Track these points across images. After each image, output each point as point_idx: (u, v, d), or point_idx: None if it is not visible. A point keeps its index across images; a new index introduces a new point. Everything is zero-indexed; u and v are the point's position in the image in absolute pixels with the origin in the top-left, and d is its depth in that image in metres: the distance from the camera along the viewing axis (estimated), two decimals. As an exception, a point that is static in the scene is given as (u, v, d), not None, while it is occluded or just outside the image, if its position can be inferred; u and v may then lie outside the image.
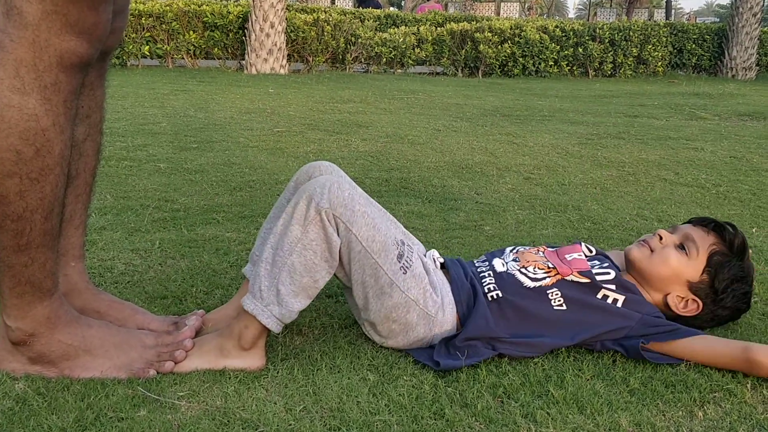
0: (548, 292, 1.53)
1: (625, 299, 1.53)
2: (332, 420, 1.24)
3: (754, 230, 2.55)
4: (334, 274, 1.47)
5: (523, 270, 1.58)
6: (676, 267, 1.59)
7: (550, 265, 1.58)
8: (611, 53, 11.11)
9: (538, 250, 1.66)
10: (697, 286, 1.59)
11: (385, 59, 10.29)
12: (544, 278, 1.55)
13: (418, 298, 1.47)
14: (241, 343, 1.40)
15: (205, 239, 2.21)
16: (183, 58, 9.55)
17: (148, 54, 9.23)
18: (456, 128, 4.83)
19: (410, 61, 10.45)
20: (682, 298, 1.60)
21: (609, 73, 11.17)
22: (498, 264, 1.62)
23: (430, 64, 10.84)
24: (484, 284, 1.56)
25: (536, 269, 1.58)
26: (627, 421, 1.27)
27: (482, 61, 10.52)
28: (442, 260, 1.64)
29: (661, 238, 1.62)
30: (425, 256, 1.64)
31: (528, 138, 4.50)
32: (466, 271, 1.61)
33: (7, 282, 1.28)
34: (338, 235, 1.39)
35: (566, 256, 1.62)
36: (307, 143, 4.00)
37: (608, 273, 1.57)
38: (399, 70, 10.51)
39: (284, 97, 6.27)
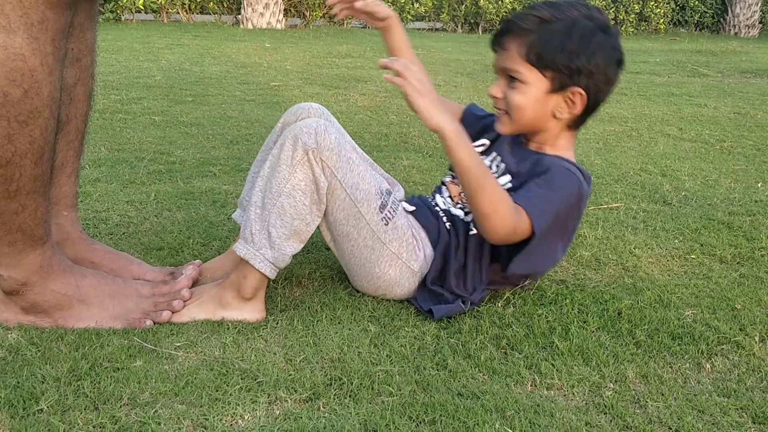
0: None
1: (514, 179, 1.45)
2: (333, 370, 1.22)
3: (759, 185, 2.51)
4: (320, 231, 1.44)
5: (457, 206, 1.53)
6: (527, 99, 1.41)
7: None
8: (613, 9, 10.93)
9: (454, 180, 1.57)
10: (554, 86, 1.40)
11: (383, 15, 10.11)
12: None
13: (401, 252, 1.44)
14: (241, 293, 1.37)
15: (201, 192, 2.17)
16: (178, 13, 9.38)
17: (142, 8, 9.06)
18: (456, 83, 4.75)
19: (409, 17, 10.28)
20: (562, 104, 1.41)
21: (610, 30, 11.01)
22: (440, 201, 1.56)
23: (430, 20, 10.67)
24: (442, 221, 1.51)
25: (464, 201, 1.52)
26: (633, 373, 1.25)
27: (483, 16, 10.35)
28: (412, 208, 1.54)
29: (497, 98, 1.47)
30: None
31: (529, 93, 4.43)
32: (432, 211, 1.54)
33: None
34: (325, 177, 1.36)
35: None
36: (305, 97, 3.93)
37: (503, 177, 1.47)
38: (397, 26, 10.35)
39: (281, 51, 6.16)
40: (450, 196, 1.56)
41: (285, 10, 9.29)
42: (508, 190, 1.40)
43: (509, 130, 1.48)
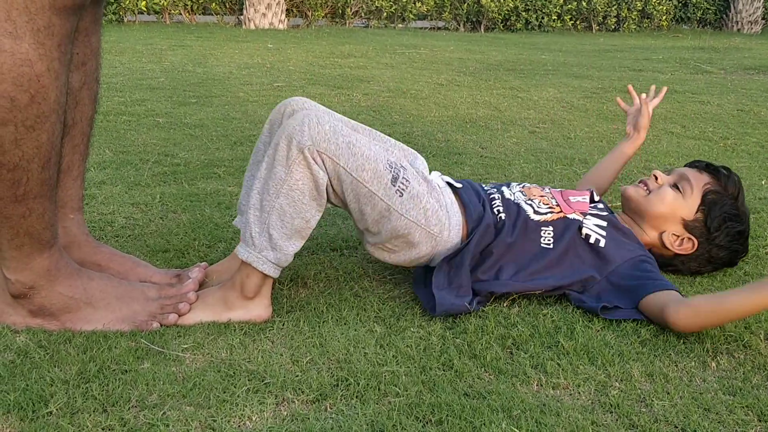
0: (542, 228, 1.52)
1: (607, 238, 1.52)
2: (339, 371, 1.22)
3: (763, 182, 2.51)
4: (333, 204, 1.44)
5: (528, 202, 1.56)
6: (671, 204, 1.62)
7: (554, 203, 1.57)
8: (615, 7, 10.93)
9: (544, 188, 1.64)
10: (691, 224, 1.62)
11: (385, 13, 10.12)
12: (547, 213, 1.54)
13: (419, 219, 1.43)
14: (245, 293, 1.38)
15: (206, 193, 2.18)
16: (180, 14, 9.40)
17: (144, 9, 9.07)
18: (459, 82, 4.75)
19: (411, 16, 10.28)
20: (678, 236, 1.63)
21: (613, 27, 11.01)
22: (506, 191, 1.60)
23: (432, 19, 10.67)
24: (493, 206, 1.55)
25: (541, 204, 1.56)
26: (639, 372, 1.25)
27: (484, 15, 10.35)
28: (459, 185, 1.57)
29: (656, 178, 1.65)
30: (429, 174, 1.58)
31: (532, 92, 4.43)
32: (479, 193, 1.58)
33: (5, 234, 1.25)
34: (325, 170, 1.35)
35: (570, 197, 1.60)
36: (308, 98, 3.93)
37: (603, 212, 1.57)
38: (400, 25, 10.36)
39: (283, 52, 6.17)
40: (521, 192, 1.60)
41: (287, 10, 9.30)
42: (602, 216, 1.57)
43: (636, 203, 1.67)
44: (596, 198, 1.64)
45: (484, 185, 1.64)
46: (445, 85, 4.63)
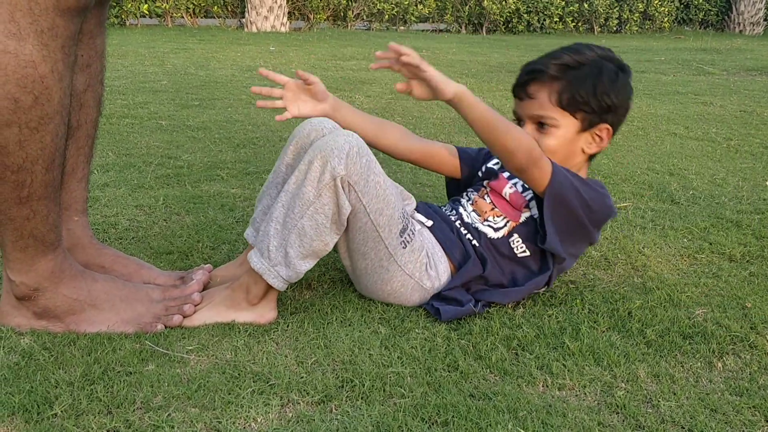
0: (510, 240, 1.51)
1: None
2: (345, 372, 1.22)
3: (767, 183, 2.51)
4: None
5: (485, 223, 1.53)
6: (559, 142, 1.48)
7: (499, 212, 1.53)
8: (617, 9, 10.93)
9: (483, 194, 1.58)
10: (584, 126, 1.49)
11: (387, 16, 10.13)
12: (504, 226, 1.52)
13: (414, 273, 1.45)
14: (249, 298, 1.38)
15: (209, 195, 2.18)
16: (182, 17, 9.41)
17: (147, 13, 9.09)
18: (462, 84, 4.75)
19: (413, 18, 10.29)
20: (593, 138, 1.51)
21: (614, 29, 11.01)
22: (464, 215, 1.57)
23: (433, 21, 10.68)
24: (464, 236, 1.53)
25: (495, 218, 1.54)
26: (645, 373, 1.25)
27: (486, 17, 10.35)
28: (429, 223, 1.55)
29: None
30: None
31: (534, 93, 4.42)
32: (450, 225, 1.55)
33: (10, 235, 1.25)
34: (350, 202, 1.35)
35: (502, 192, 1.55)
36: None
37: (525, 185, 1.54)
38: (401, 28, 10.36)
39: (285, 54, 6.17)
40: (475, 211, 1.56)
41: (289, 13, 9.31)
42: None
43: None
44: (505, 174, 1.59)
45: (442, 208, 1.62)
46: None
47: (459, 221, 1.56)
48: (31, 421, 1.06)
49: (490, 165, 1.62)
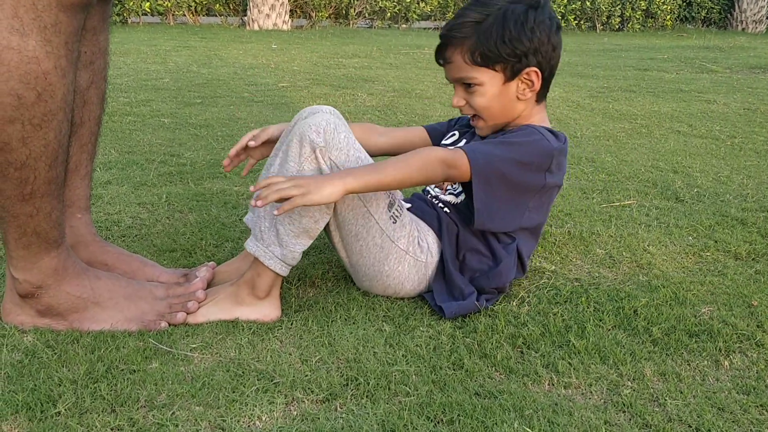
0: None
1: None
2: (349, 371, 1.21)
3: (772, 181, 2.50)
4: (326, 232, 1.44)
5: (447, 192, 1.57)
6: (488, 98, 1.44)
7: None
8: (619, 7, 10.91)
9: None
10: (508, 76, 1.44)
11: (389, 14, 10.12)
12: (462, 191, 1.53)
13: (408, 248, 1.45)
14: (255, 292, 1.37)
15: (212, 193, 2.17)
16: (184, 15, 9.40)
17: (149, 11, 9.08)
18: (464, 82, 4.74)
19: (415, 16, 10.27)
20: (522, 86, 1.45)
21: (617, 27, 10.99)
22: (430, 189, 1.62)
23: (435, 20, 10.66)
24: (437, 205, 1.55)
25: (451, 185, 1.56)
26: (651, 371, 1.24)
27: (488, 15, 10.33)
28: (408, 205, 1.56)
29: (460, 108, 1.50)
30: None
31: (537, 91, 4.42)
32: (424, 199, 1.59)
33: (13, 233, 1.24)
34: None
35: None
36: (313, 98, 3.93)
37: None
38: (404, 26, 10.35)
39: (287, 52, 6.16)
40: (436, 185, 1.60)
41: (291, 11, 9.30)
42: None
43: (489, 131, 1.52)
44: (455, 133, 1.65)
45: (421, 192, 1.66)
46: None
47: (429, 195, 1.61)
48: (35, 419, 1.06)
49: (444, 141, 1.64)
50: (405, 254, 1.45)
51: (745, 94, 4.51)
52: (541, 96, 1.50)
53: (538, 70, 1.44)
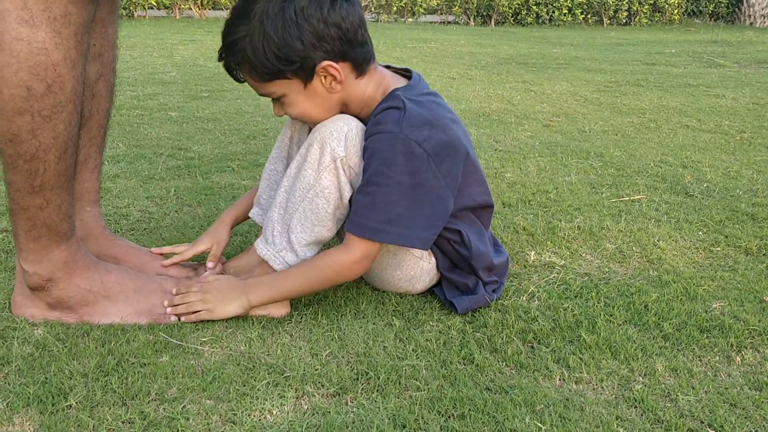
0: None
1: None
2: (359, 365, 1.21)
3: (782, 176, 2.48)
4: (338, 235, 1.43)
5: None
6: (300, 107, 1.33)
7: None
8: (626, 1, 10.86)
9: None
10: (304, 79, 1.29)
11: (395, 8, 10.09)
12: None
13: (423, 254, 1.43)
14: None
15: (220, 187, 2.17)
16: (190, 9, 9.40)
17: (155, 4, 9.08)
18: (471, 76, 4.73)
19: (421, 10, 10.25)
20: (327, 81, 1.30)
21: (624, 21, 10.94)
22: None
23: (442, 13, 10.63)
24: None
25: None
26: (663, 367, 1.23)
27: (495, 9, 10.30)
28: None
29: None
30: None
31: (545, 86, 4.40)
32: None
33: (23, 225, 1.24)
34: (351, 185, 1.34)
35: None
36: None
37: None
38: (410, 19, 10.32)
39: (294, 46, 6.14)
40: None
41: (297, 4, 9.28)
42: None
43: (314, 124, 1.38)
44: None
45: None
46: (457, 78, 4.61)
47: None
48: (46, 412, 1.06)
49: None
50: (419, 260, 1.44)
51: (754, 88, 4.48)
52: (361, 68, 1.32)
53: (331, 63, 1.27)
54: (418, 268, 1.44)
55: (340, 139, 1.30)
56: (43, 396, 1.08)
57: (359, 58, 1.31)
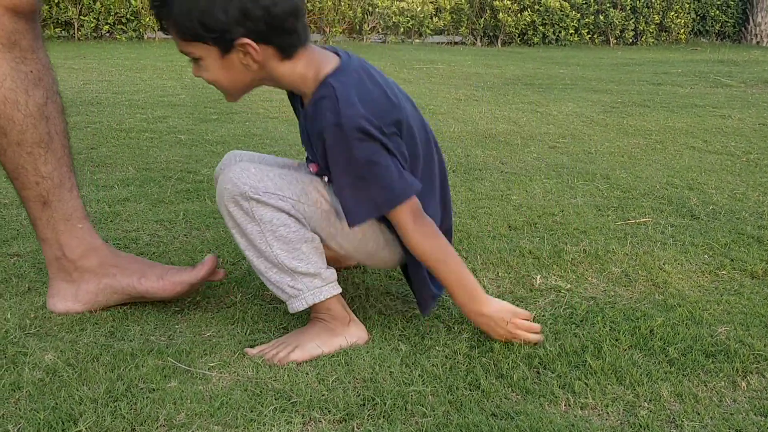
0: None
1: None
2: (366, 390, 1.22)
3: (788, 198, 2.49)
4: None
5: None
6: (213, 73, 1.32)
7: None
8: (633, 21, 10.91)
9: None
10: (221, 50, 1.28)
11: (402, 29, 10.17)
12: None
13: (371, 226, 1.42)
14: (340, 320, 1.40)
15: (229, 210, 2.19)
16: (199, 31, 9.48)
17: (164, 26, 9.17)
18: (477, 97, 4.76)
19: (428, 31, 10.32)
20: (244, 57, 1.29)
21: (630, 41, 10.99)
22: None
23: (449, 34, 10.70)
24: None
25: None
26: (668, 392, 1.24)
27: (501, 29, 10.37)
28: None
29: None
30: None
31: (551, 106, 4.42)
32: None
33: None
34: (277, 204, 1.33)
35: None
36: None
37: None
38: (417, 40, 10.39)
39: (302, 68, 6.19)
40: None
41: (305, 26, 9.36)
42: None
43: (232, 100, 1.40)
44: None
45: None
46: (464, 100, 4.64)
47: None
48: (56, 438, 1.07)
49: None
50: (380, 233, 1.43)
51: (761, 109, 4.49)
52: (286, 51, 1.31)
53: (250, 42, 1.26)
54: (376, 242, 1.44)
55: (237, 184, 1.31)
56: (54, 422, 1.10)
57: (285, 44, 1.30)
